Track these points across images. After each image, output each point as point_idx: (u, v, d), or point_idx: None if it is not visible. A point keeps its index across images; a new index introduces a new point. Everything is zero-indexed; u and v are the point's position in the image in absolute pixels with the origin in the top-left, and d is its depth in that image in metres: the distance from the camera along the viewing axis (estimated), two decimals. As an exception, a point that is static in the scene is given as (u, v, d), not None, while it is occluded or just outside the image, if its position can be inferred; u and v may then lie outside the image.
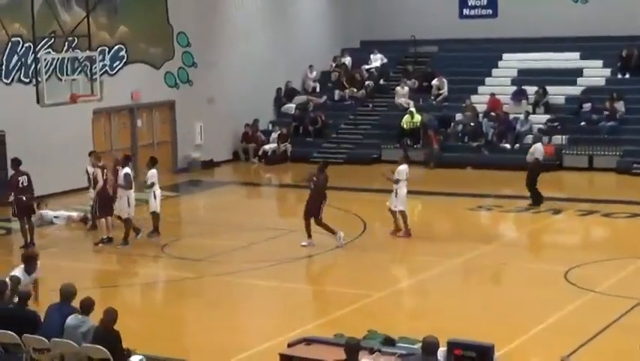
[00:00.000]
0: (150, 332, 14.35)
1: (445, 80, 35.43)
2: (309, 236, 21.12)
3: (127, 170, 21.90)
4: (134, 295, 18.74)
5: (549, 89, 33.55)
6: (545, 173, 29.53)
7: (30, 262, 14.91)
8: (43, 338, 12.10)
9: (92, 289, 18.00)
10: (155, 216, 22.40)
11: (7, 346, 12.44)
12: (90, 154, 23.48)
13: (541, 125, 32.24)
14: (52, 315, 12.43)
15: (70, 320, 12.13)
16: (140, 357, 12.09)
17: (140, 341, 12.73)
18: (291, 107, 36.51)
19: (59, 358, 12.12)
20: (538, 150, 25.58)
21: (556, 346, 14.00)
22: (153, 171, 22.28)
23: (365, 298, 17.00)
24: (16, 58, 27.54)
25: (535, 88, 33.65)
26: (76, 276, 19.15)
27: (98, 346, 11.63)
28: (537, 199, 25.21)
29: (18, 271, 14.60)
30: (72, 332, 12.03)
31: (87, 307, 12.25)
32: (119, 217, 22.12)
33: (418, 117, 33.45)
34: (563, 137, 31.67)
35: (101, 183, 21.83)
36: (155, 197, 22.19)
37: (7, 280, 13.59)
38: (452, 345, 10.89)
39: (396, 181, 21.73)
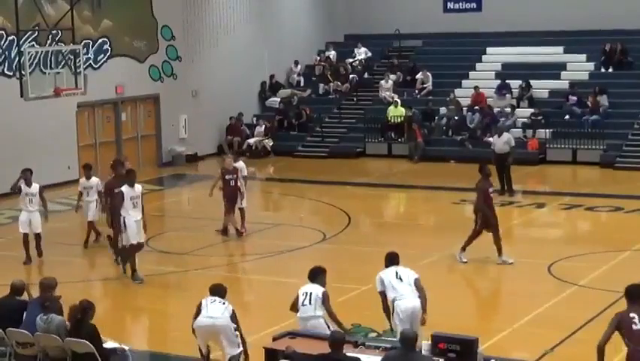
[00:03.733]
0: (134, 326, 14.34)
1: (429, 73, 35.46)
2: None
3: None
4: (119, 288, 18.69)
5: (533, 83, 33.65)
6: (529, 166, 29.74)
7: None
8: (27, 332, 12.05)
9: (76, 283, 18.00)
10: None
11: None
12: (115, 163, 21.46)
13: (525, 119, 32.33)
14: (34, 310, 12.35)
15: (38, 323, 11.99)
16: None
17: (124, 335, 12.72)
18: (275, 100, 36.49)
19: (43, 352, 12.09)
20: (512, 139, 26.36)
21: (540, 339, 14.06)
22: (97, 179, 21.29)
23: (350, 292, 16.99)
24: (-1, 51, 27.48)
25: (519, 82, 33.74)
26: (60, 270, 19.20)
27: (82, 340, 11.59)
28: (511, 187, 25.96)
29: None
30: (45, 332, 11.95)
31: (52, 303, 12.18)
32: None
33: (402, 109, 33.53)
34: (547, 131, 31.73)
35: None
36: (96, 206, 20.98)
37: None
38: (436, 339, 10.92)
39: (245, 178, 21.99)
